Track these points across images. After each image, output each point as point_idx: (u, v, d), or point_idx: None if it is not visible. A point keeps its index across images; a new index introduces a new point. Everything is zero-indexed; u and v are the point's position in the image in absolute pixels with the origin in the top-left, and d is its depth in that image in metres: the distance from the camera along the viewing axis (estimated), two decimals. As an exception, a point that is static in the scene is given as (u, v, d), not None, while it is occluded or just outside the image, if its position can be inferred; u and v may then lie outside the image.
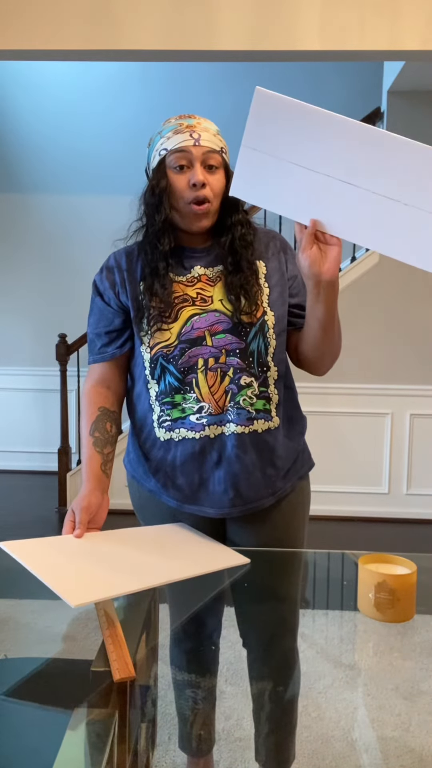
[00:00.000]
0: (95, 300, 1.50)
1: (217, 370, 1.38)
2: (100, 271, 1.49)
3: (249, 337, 1.39)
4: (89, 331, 1.50)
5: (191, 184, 1.34)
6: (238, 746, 1.81)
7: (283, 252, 1.47)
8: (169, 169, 1.36)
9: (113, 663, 1.04)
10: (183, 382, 1.39)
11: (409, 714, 1.99)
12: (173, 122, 1.38)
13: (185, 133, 1.35)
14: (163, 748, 1.76)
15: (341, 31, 3.01)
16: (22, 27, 3.05)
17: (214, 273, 1.42)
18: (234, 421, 1.39)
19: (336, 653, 2.18)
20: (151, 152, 1.40)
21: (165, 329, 1.39)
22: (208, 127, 1.38)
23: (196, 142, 1.34)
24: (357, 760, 1.84)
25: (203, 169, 1.35)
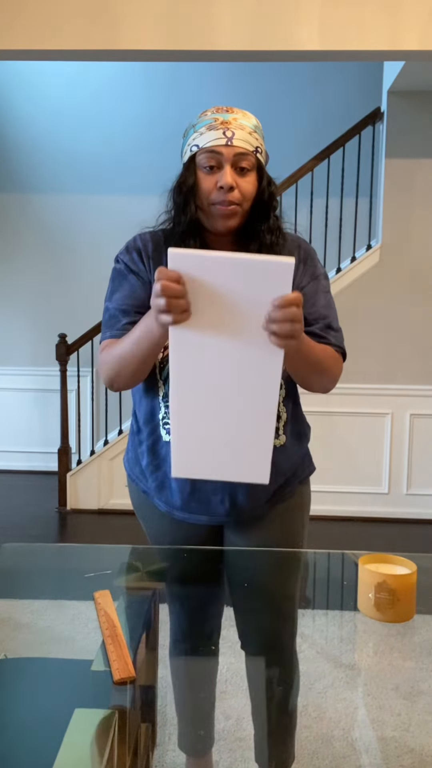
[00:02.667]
0: (128, 277, 1.39)
1: None
2: (127, 250, 1.41)
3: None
4: (112, 306, 1.39)
5: (218, 186, 1.29)
6: (238, 746, 1.81)
7: (303, 263, 1.41)
8: (198, 167, 1.31)
9: (113, 663, 1.04)
10: None
11: (409, 714, 1.99)
12: (209, 115, 1.32)
13: (219, 130, 1.28)
14: (163, 748, 1.76)
15: (341, 31, 3.00)
16: (22, 27, 3.05)
17: None
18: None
19: (336, 653, 2.18)
20: (184, 144, 1.35)
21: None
22: (245, 123, 1.31)
23: (229, 141, 1.28)
24: (357, 760, 1.84)
25: (233, 171, 1.29)
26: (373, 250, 4.14)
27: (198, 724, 1.68)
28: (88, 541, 3.79)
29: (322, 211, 4.25)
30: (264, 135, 1.37)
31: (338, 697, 2.08)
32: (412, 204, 4.11)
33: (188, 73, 4.76)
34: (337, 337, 1.40)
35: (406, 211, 4.12)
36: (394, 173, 4.10)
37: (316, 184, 4.21)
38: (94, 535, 3.96)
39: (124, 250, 1.41)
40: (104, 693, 1.02)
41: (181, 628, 1.55)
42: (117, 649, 1.07)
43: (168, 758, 1.74)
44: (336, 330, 1.40)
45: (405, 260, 4.14)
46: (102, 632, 1.13)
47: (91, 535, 3.97)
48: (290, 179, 4.08)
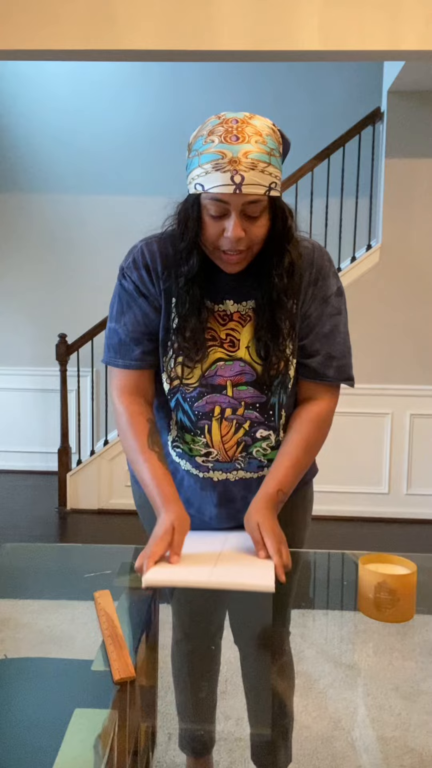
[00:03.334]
0: (138, 300, 1.30)
1: (233, 421, 1.31)
2: (135, 265, 1.30)
3: (272, 390, 1.31)
4: (122, 331, 1.32)
5: (225, 236, 1.17)
6: (238, 746, 1.81)
7: (313, 284, 1.31)
8: (204, 210, 1.18)
9: (113, 663, 1.04)
10: (195, 425, 1.33)
11: (409, 714, 1.99)
12: (215, 144, 1.13)
13: (226, 172, 1.11)
14: (163, 748, 1.76)
15: (341, 31, 3.00)
16: (22, 27, 3.05)
17: (245, 309, 1.29)
18: (243, 469, 1.37)
19: (336, 653, 2.18)
20: (189, 167, 1.19)
21: (189, 366, 1.29)
22: (257, 157, 1.12)
23: (237, 189, 1.11)
24: (357, 760, 1.84)
25: (242, 218, 1.16)
26: (373, 250, 4.14)
27: (199, 724, 1.68)
28: (88, 541, 3.79)
29: (322, 211, 4.25)
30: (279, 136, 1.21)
31: (338, 697, 2.08)
32: (412, 204, 4.11)
33: (188, 73, 4.76)
34: (340, 367, 1.34)
35: (406, 211, 4.12)
36: (394, 173, 4.10)
37: (316, 184, 4.21)
38: (94, 535, 3.96)
39: (132, 265, 1.30)
40: (104, 693, 1.02)
41: (183, 628, 1.55)
42: (117, 649, 1.07)
43: (168, 758, 1.74)
44: (339, 357, 1.34)
45: (405, 260, 4.14)
46: (102, 632, 1.13)
47: (91, 535, 3.97)
48: (290, 179, 4.08)
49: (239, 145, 1.11)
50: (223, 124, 1.14)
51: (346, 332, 1.36)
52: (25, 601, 1.47)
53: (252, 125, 1.14)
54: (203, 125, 1.19)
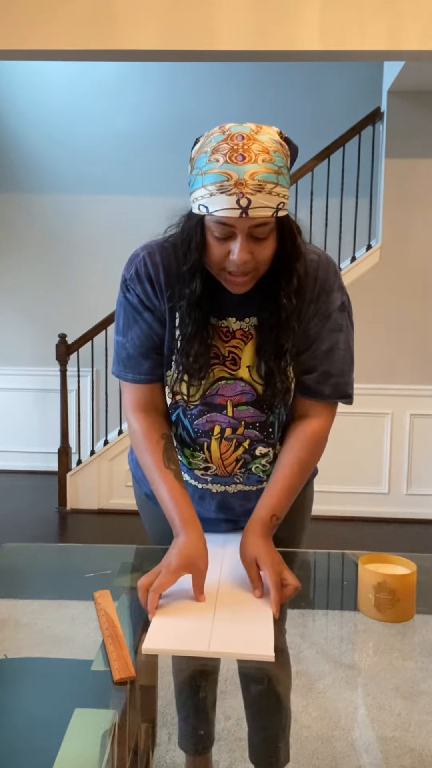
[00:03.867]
0: (143, 314, 1.27)
1: (233, 440, 1.30)
2: (138, 277, 1.26)
3: (273, 409, 1.29)
4: (129, 345, 1.29)
5: (230, 259, 1.12)
6: (238, 746, 1.81)
7: (315, 300, 1.25)
8: (208, 232, 1.13)
9: (113, 663, 1.04)
10: (195, 441, 1.33)
11: (409, 714, 1.99)
12: (220, 164, 1.06)
13: (232, 195, 1.05)
14: (163, 748, 1.76)
15: (341, 31, 3.00)
16: (22, 27, 3.05)
17: (247, 326, 1.26)
18: (243, 483, 1.37)
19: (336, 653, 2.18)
20: (192, 185, 1.13)
21: (193, 384, 1.26)
22: (265, 179, 1.05)
23: (244, 213, 1.06)
24: (357, 760, 1.84)
25: (249, 240, 1.11)
26: (373, 250, 4.14)
27: (198, 723, 1.68)
28: (88, 541, 3.79)
29: (322, 211, 4.25)
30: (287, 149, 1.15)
31: (338, 697, 2.08)
32: (412, 204, 4.11)
33: (188, 73, 4.76)
34: (337, 384, 1.30)
35: (406, 211, 4.12)
36: (394, 173, 4.10)
37: (316, 184, 4.21)
38: (94, 535, 3.96)
39: (135, 277, 1.26)
40: (104, 693, 1.02)
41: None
42: (117, 649, 1.07)
43: (168, 758, 1.74)
44: (336, 375, 1.29)
45: (405, 260, 4.14)
46: (102, 632, 1.13)
47: (91, 535, 3.97)
48: (290, 179, 4.08)
49: (245, 165, 1.05)
50: (228, 140, 1.07)
51: (348, 348, 1.30)
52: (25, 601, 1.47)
53: (259, 141, 1.07)
54: (206, 139, 1.11)
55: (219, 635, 1.07)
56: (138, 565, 1.49)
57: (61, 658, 1.30)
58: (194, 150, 1.14)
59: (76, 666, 1.16)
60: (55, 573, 1.59)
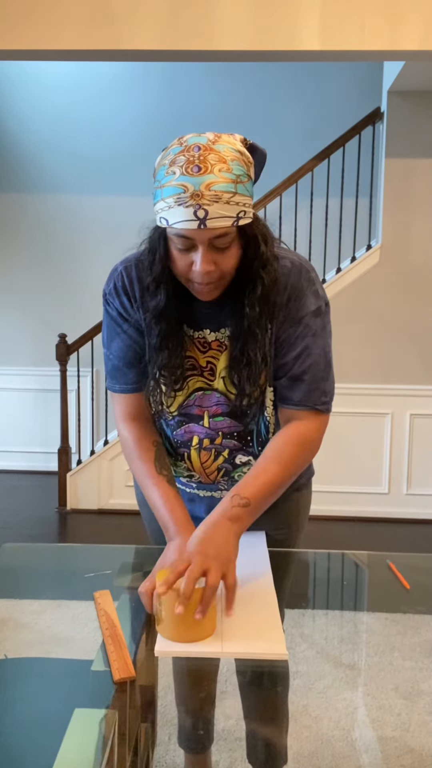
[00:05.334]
0: (123, 326, 1.29)
1: (212, 450, 1.31)
2: (116, 291, 1.27)
3: (248, 418, 1.28)
4: (114, 357, 1.31)
5: (193, 270, 1.13)
6: (237, 746, 1.81)
7: (285, 304, 1.22)
8: (171, 243, 1.14)
9: (113, 663, 1.04)
10: (176, 451, 1.34)
11: (409, 714, 1.99)
12: (177, 177, 1.06)
13: (189, 207, 1.05)
14: (163, 747, 1.76)
15: (341, 31, 3.00)
16: (22, 27, 3.05)
17: (223, 337, 1.26)
18: (227, 490, 1.36)
19: (336, 653, 2.18)
20: (154, 197, 1.12)
21: (170, 396, 1.28)
22: (221, 189, 1.05)
23: (201, 224, 1.06)
24: (357, 760, 1.84)
25: (210, 250, 1.10)
26: (373, 250, 4.14)
27: (198, 723, 1.68)
28: (88, 541, 3.79)
29: (322, 211, 4.25)
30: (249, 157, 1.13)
31: (338, 697, 2.08)
32: (412, 204, 4.11)
33: (188, 73, 4.76)
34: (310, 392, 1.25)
35: (406, 211, 4.12)
36: (394, 173, 4.10)
37: (316, 184, 4.21)
38: (94, 535, 3.96)
39: (113, 291, 1.28)
40: (104, 693, 1.02)
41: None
42: (117, 649, 1.07)
43: (168, 758, 1.74)
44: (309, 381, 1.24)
45: (405, 260, 4.14)
46: (102, 632, 1.13)
47: (91, 535, 3.97)
48: (290, 179, 4.08)
49: (201, 176, 1.04)
50: (185, 152, 1.06)
51: (322, 354, 1.25)
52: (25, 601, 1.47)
53: (215, 151, 1.05)
54: (166, 151, 1.11)
55: (230, 635, 1.08)
56: (138, 565, 1.49)
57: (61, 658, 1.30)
58: (156, 162, 1.14)
59: (76, 666, 1.16)
60: (55, 573, 1.59)
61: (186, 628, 1.06)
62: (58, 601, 1.52)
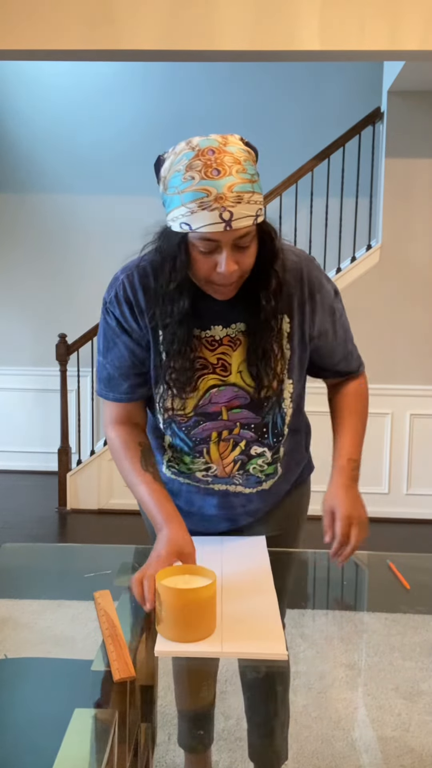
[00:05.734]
0: (121, 337, 1.29)
1: (230, 440, 1.33)
2: (117, 300, 1.27)
3: (265, 411, 1.31)
4: (109, 366, 1.32)
5: (217, 271, 1.14)
6: (237, 746, 1.81)
7: (310, 298, 1.28)
8: (192, 247, 1.14)
9: (113, 663, 1.04)
10: (193, 449, 1.35)
11: (409, 714, 1.99)
12: (197, 182, 1.07)
13: (214, 211, 1.07)
14: (163, 747, 1.76)
15: (341, 31, 3.00)
16: (22, 27, 3.05)
17: (234, 332, 1.27)
18: (242, 484, 1.39)
19: (336, 653, 2.18)
20: (169, 204, 1.13)
21: (182, 398, 1.28)
22: (242, 190, 1.07)
23: (227, 226, 1.08)
24: (357, 760, 1.84)
25: (233, 250, 1.13)
26: (373, 250, 4.14)
27: (198, 723, 1.68)
28: (88, 541, 3.79)
29: (322, 211, 4.25)
30: (254, 155, 1.15)
31: (338, 697, 2.08)
32: (412, 204, 4.11)
33: (187, 73, 4.76)
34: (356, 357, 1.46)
35: (406, 211, 4.12)
36: (394, 173, 4.10)
37: (316, 184, 4.21)
38: (94, 535, 3.96)
39: (114, 300, 1.28)
40: (104, 693, 1.02)
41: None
42: (117, 649, 1.07)
43: (168, 758, 1.74)
44: (352, 350, 1.44)
45: (405, 260, 4.14)
46: (102, 632, 1.13)
47: (91, 535, 3.97)
48: (290, 179, 4.08)
49: (222, 179, 1.06)
50: (200, 156, 1.08)
51: (349, 327, 1.43)
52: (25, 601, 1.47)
53: (229, 153, 1.08)
54: (176, 156, 1.11)
55: (230, 635, 1.08)
56: (138, 565, 1.49)
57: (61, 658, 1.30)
58: (164, 169, 1.14)
59: (76, 666, 1.16)
60: (55, 573, 1.59)
61: (186, 628, 1.06)
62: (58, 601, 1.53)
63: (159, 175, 1.16)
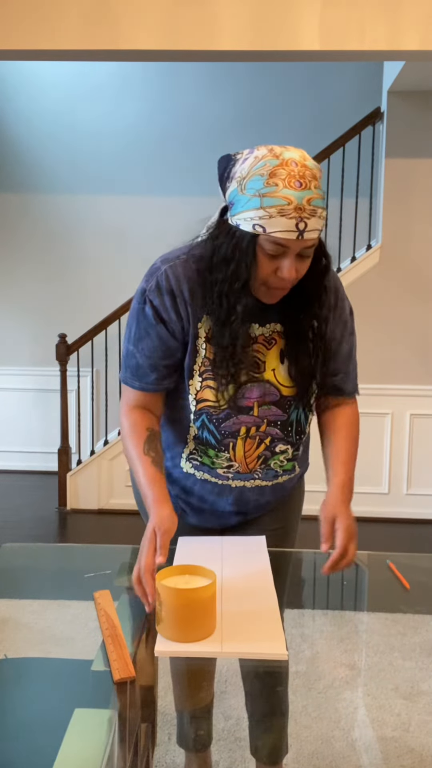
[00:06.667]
0: (156, 327, 1.30)
1: (256, 438, 1.36)
2: (158, 290, 1.28)
3: (291, 408, 1.36)
4: (139, 355, 1.33)
5: (277, 275, 1.21)
6: (237, 746, 1.81)
7: (334, 308, 1.37)
8: (259, 249, 1.19)
9: (113, 663, 1.04)
10: (220, 443, 1.36)
11: (409, 714, 1.99)
12: (280, 189, 1.13)
13: (291, 219, 1.13)
14: (163, 747, 1.76)
15: (341, 31, 3.00)
16: (22, 27, 3.05)
17: (269, 332, 1.33)
18: (261, 478, 1.42)
19: (336, 653, 2.18)
20: (243, 204, 1.17)
21: (220, 390, 1.31)
22: (318, 205, 1.15)
23: (300, 235, 1.15)
24: (357, 760, 1.84)
25: (295, 259, 1.19)
26: (373, 250, 4.14)
27: (197, 723, 1.68)
28: (88, 541, 3.79)
29: (322, 211, 4.25)
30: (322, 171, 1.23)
31: (338, 697, 2.08)
32: (412, 204, 4.11)
33: (188, 73, 4.76)
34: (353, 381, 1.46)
35: (406, 211, 4.12)
36: (394, 173, 4.10)
37: (316, 184, 4.20)
38: (94, 535, 3.96)
39: (155, 289, 1.28)
40: (104, 693, 1.02)
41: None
42: (117, 649, 1.07)
43: (168, 758, 1.74)
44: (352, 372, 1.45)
45: (405, 260, 4.14)
46: (102, 632, 1.13)
47: (91, 535, 3.97)
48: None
49: (303, 191, 1.13)
50: (284, 166, 1.14)
51: (355, 348, 1.46)
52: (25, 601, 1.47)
53: (309, 168, 1.16)
54: (257, 161, 1.16)
55: (230, 635, 1.08)
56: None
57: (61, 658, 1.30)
58: (239, 170, 1.18)
59: (76, 666, 1.16)
60: (55, 573, 1.59)
61: (186, 628, 1.06)
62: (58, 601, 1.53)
63: (227, 173, 1.21)
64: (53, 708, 1.04)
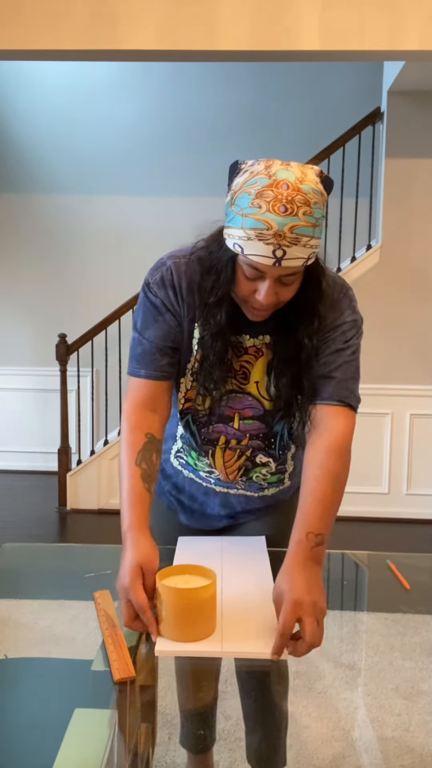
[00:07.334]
0: (165, 315, 1.28)
1: (236, 450, 1.35)
2: (163, 283, 1.27)
3: (274, 421, 1.32)
4: (147, 341, 1.29)
5: (255, 297, 1.16)
6: (238, 746, 1.81)
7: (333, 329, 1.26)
8: (239, 267, 1.16)
9: (113, 663, 1.04)
10: (200, 448, 1.36)
11: (409, 714, 1.99)
12: (262, 212, 1.07)
13: (269, 245, 1.07)
14: (163, 747, 1.76)
15: (341, 31, 3.00)
16: (22, 27, 3.05)
17: (260, 343, 1.29)
18: (245, 489, 1.41)
19: (336, 653, 2.18)
20: (229, 219, 1.13)
21: (202, 395, 1.29)
22: (302, 233, 1.07)
23: (278, 263, 1.09)
24: (357, 760, 1.84)
25: (275, 285, 1.14)
26: (373, 250, 4.14)
27: (199, 723, 1.68)
28: (88, 541, 3.79)
29: (322, 211, 4.25)
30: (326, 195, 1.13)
31: (338, 697, 2.08)
32: (412, 204, 4.11)
33: (188, 73, 4.76)
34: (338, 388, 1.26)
35: (406, 211, 4.12)
36: (394, 173, 4.10)
37: (316, 184, 4.20)
38: (94, 535, 3.96)
39: (160, 282, 1.28)
40: (104, 693, 1.02)
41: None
42: (117, 649, 1.07)
43: (168, 758, 1.74)
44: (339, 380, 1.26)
45: (405, 260, 4.14)
46: (102, 632, 1.13)
47: (91, 535, 3.97)
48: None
49: (287, 218, 1.05)
50: (273, 187, 1.06)
51: (353, 360, 1.29)
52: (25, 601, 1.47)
53: (302, 193, 1.07)
54: (251, 177, 1.09)
55: (230, 635, 1.08)
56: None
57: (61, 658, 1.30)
58: (236, 183, 1.13)
59: (76, 666, 1.16)
60: (55, 573, 1.59)
61: (186, 627, 1.06)
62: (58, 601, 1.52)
63: (231, 182, 1.15)
64: (53, 708, 1.04)
